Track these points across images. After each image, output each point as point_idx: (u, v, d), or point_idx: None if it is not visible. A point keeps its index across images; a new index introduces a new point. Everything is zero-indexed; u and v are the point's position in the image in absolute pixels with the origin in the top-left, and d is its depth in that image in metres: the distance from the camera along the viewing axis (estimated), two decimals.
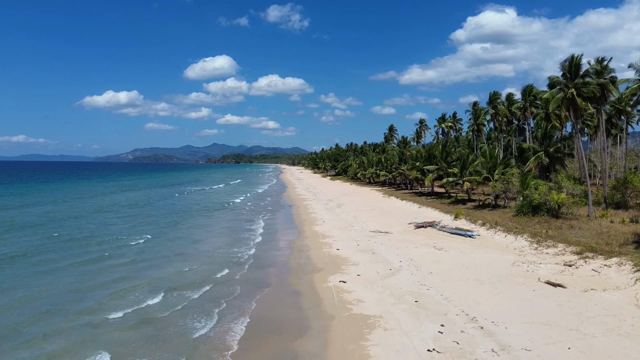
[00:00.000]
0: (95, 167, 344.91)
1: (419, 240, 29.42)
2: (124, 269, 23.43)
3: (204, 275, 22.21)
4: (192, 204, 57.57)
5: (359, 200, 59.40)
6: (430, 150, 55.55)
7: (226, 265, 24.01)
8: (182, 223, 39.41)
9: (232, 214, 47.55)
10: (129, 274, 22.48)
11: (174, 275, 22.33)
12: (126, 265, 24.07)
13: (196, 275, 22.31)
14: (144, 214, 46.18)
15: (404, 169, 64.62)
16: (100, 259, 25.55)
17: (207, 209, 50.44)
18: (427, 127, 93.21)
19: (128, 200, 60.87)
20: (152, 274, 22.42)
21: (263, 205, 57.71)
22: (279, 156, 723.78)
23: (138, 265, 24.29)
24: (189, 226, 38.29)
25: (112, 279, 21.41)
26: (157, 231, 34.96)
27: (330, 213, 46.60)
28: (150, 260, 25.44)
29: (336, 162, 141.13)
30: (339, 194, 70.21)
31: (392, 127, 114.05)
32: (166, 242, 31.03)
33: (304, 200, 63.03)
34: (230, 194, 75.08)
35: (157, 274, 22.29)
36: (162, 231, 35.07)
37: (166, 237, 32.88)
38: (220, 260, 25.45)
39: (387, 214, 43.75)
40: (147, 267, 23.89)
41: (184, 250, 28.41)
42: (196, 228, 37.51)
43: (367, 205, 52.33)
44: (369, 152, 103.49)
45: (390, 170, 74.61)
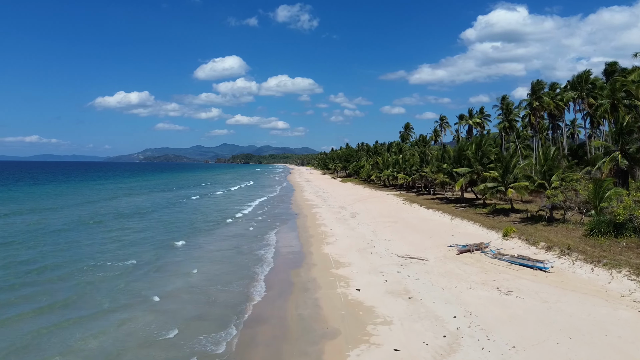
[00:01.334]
0: (104, 167, 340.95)
1: (470, 274, 21.28)
2: (82, 328, 15.78)
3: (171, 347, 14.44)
4: (195, 214, 49.18)
5: (375, 207, 51.29)
6: (462, 149, 47.26)
7: (208, 326, 16.23)
8: (179, 244, 30.93)
9: (236, 228, 39.04)
10: (87, 332, 14.89)
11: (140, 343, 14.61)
12: (86, 322, 16.33)
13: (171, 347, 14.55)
14: (138, 227, 38.20)
15: (427, 171, 56.36)
16: (59, 306, 17.92)
17: (211, 222, 41.86)
18: (447, 125, 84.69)
19: (126, 208, 52.90)
20: (118, 335, 14.90)
21: (268, 215, 49.92)
22: (288, 156, 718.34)
23: (103, 319, 16.63)
24: (186, 247, 29.97)
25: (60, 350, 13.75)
26: (146, 255, 26.99)
27: (343, 225, 38.59)
28: (123, 309, 17.68)
29: (347, 163, 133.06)
30: (352, 200, 62.16)
31: (408, 125, 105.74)
32: (152, 273, 23.05)
33: (313, 207, 55.10)
34: (237, 201, 67.04)
35: (121, 338, 14.68)
36: (153, 255, 26.94)
37: (154, 264, 24.84)
38: (205, 311, 17.69)
39: (414, 228, 35.61)
40: (114, 323, 16.17)
41: (166, 288, 20.59)
42: (194, 249, 29.35)
43: (387, 214, 44.21)
44: (383, 153, 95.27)
45: (410, 173, 66.35)
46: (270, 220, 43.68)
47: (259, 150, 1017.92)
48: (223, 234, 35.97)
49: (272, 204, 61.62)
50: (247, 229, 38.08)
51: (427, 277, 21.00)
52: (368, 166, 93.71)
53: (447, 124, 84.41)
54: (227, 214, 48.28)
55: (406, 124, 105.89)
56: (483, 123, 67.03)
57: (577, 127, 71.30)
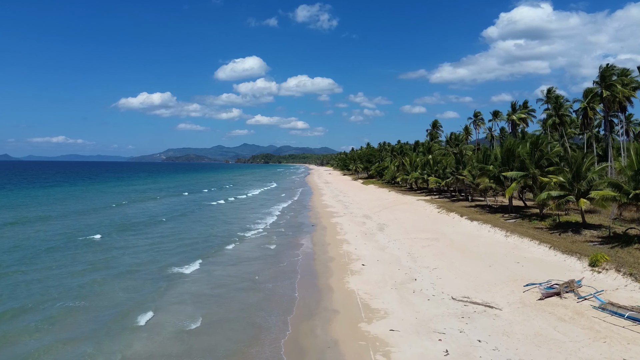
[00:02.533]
0: (125, 167, 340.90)
1: (577, 341, 13.79)
2: None
3: None
4: (213, 224, 42.11)
5: (406, 217, 43.88)
6: (510, 149, 39.43)
7: None
8: (183, 271, 24.05)
9: (253, 248, 31.84)
10: None
11: None
12: None
13: None
14: (140, 245, 31.29)
15: (466, 174, 48.60)
16: None
17: (228, 237, 34.85)
18: (482, 122, 76.38)
19: (135, 217, 46.26)
20: None
21: (289, 225, 43.18)
22: (307, 156, 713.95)
23: None
24: (190, 279, 22.80)
25: None
26: (135, 294, 20.15)
27: (371, 243, 31.39)
28: None
29: (369, 164, 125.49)
30: (377, 206, 54.83)
31: (436, 122, 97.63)
32: (128, 334, 15.72)
33: (332, 215, 48.00)
34: (258, 209, 59.94)
35: None
36: (142, 295, 19.97)
37: (140, 313, 17.58)
38: None
39: (462, 249, 28.15)
40: None
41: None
42: (200, 283, 22.18)
43: (423, 228, 36.79)
44: (409, 153, 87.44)
45: (443, 176, 58.59)
46: (292, 234, 36.75)
47: (278, 151, 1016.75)
48: (238, 255, 28.66)
49: (295, 210, 54.80)
50: (267, 248, 31.23)
51: (509, 345, 13.68)
52: (393, 167, 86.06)
53: (482, 120, 76.18)
54: (246, 225, 41.39)
55: (434, 121, 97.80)
56: (527, 119, 58.77)
57: (632, 123, 62.42)
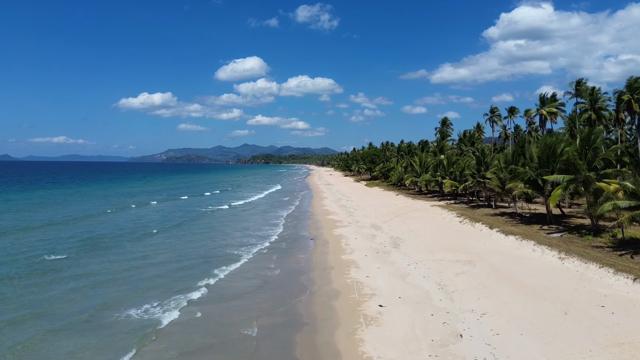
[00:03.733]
0: (124, 167, 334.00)
1: None
2: None
3: None
4: (212, 237, 35.09)
5: (424, 229, 36.95)
6: (552, 147, 32.46)
7: None
8: (164, 320, 16.70)
9: (240, 276, 25.42)
10: None
11: None
12: None
13: None
14: (118, 270, 24.36)
15: (492, 177, 41.66)
16: None
17: (226, 256, 27.96)
18: (499, 119, 69.49)
19: (123, 227, 39.09)
20: None
21: (283, 241, 36.35)
22: (308, 156, 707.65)
23: None
24: (174, 326, 16.40)
25: None
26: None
27: (386, 266, 24.49)
28: None
29: (372, 164, 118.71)
30: (386, 213, 47.92)
31: (445, 120, 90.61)
32: None
33: (335, 224, 41.11)
34: (261, 217, 53.49)
35: None
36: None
37: None
38: None
39: (511, 280, 21.18)
40: None
41: None
42: (185, 333, 15.88)
43: (448, 244, 29.82)
44: (417, 152, 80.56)
45: (461, 179, 51.66)
46: (289, 249, 29.89)
47: (279, 151, 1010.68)
48: (227, 290, 21.78)
49: (295, 217, 47.92)
50: (268, 271, 24.41)
51: None
52: (400, 168, 79.19)
53: (499, 117, 69.29)
54: (245, 239, 34.51)
55: (443, 118, 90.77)
56: (557, 114, 51.83)
57: None
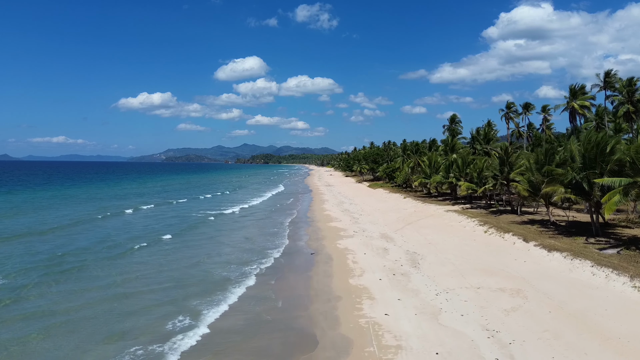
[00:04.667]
0: (122, 167, 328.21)
1: None
2: None
3: None
4: (208, 254, 28.72)
5: (444, 240, 31.39)
6: (600, 145, 26.91)
7: None
8: None
9: (252, 297, 20.03)
10: None
11: None
12: None
13: None
14: (74, 310, 18.60)
15: (520, 179, 36.11)
16: None
17: (225, 280, 22.53)
18: (516, 114, 63.97)
19: (105, 239, 32.86)
20: None
21: (282, 256, 30.80)
22: (307, 156, 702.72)
23: None
24: None
25: None
26: None
27: (408, 297, 18.93)
28: None
29: (375, 164, 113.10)
30: (396, 220, 42.40)
31: (454, 117, 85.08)
32: None
33: (339, 233, 35.57)
34: (263, 227, 47.84)
35: None
36: None
37: None
38: None
39: (587, 324, 15.61)
40: None
41: None
42: None
43: (479, 262, 24.26)
44: (426, 152, 75.06)
45: (479, 180, 46.11)
46: (292, 272, 24.33)
47: (279, 151, 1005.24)
48: (231, 321, 16.50)
49: (296, 224, 42.40)
50: (261, 303, 18.91)
51: None
52: (407, 169, 73.64)
53: (516, 112, 63.76)
54: (248, 256, 28.51)
55: (452, 115, 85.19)
56: (587, 108, 46.28)
57: None
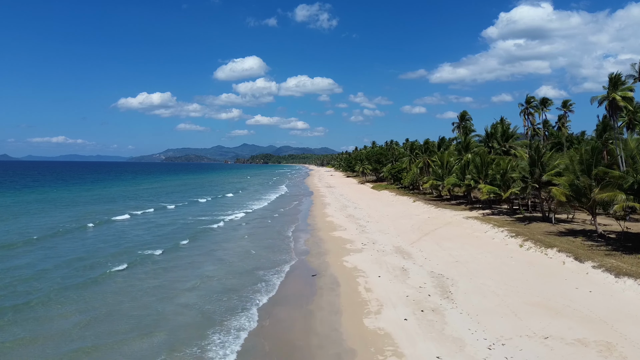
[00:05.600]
0: (119, 167, 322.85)
1: None
2: None
3: None
4: (209, 275, 23.75)
5: (476, 258, 25.77)
6: None
7: None
8: None
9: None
10: None
11: None
12: None
13: None
14: None
15: (559, 182, 30.47)
16: None
17: (229, 311, 17.39)
18: (537, 109, 58.29)
19: (59, 267, 26.32)
20: None
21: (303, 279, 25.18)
22: (307, 156, 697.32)
23: None
24: None
25: None
26: None
27: (455, 356, 13.33)
28: None
29: (379, 165, 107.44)
30: (411, 229, 36.77)
31: (465, 113, 79.43)
32: None
33: (345, 246, 29.95)
34: (267, 239, 42.15)
35: None
36: None
37: None
38: None
39: None
40: None
41: None
42: None
43: (533, 293, 18.59)
44: (435, 151, 69.44)
45: (505, 183, 40.49)
46: (289, 306, 18.74)
47: (278, 151, 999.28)
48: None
49: (298, 232, 36.84)
50: None
51: None
52: (415, 169, 68.02)
53: (537, 107, 58.10)
54: (243, 282, 23.01)
55: (462, 112, 79.57)
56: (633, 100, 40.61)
57: None
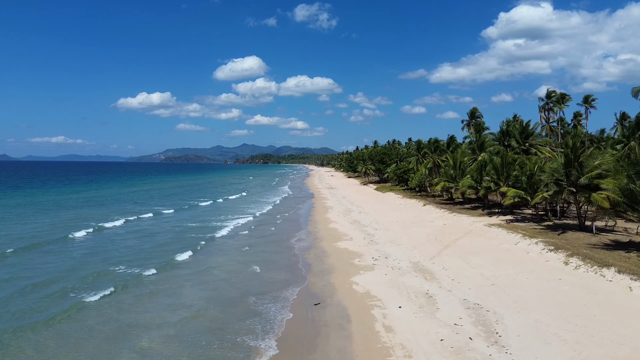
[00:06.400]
0: (117, 167, 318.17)
1: None
2: None
3: None
4: (206, 306, 19.03)
5: (516, 279, 20.79)
6: None
7: None
8: None
9: None
10: None
11: None
12: None
13: None
14: None
15: (610, 184, 25.49)
16: None
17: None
18: (559, 105, 53.39)
19: (17, 293, 21.97)
20: None
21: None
22: (307, 156, 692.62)
23: None
24: None
25: None
26: None
27: None
28: None
29: (382, 165, 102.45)
30: (428, 240, 31.81)
31: (475, 110, 74.87)
32: None
33: (353, 263, 25.03)
34: (271, 255, 37.25)
35: None
36: None
37: None
38: None
39: None
40: None
41: None
42: None
43: (620, 344, 13.61)
44: (445, 150, 64.55)
45: (531, 186, 35.53)
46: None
47: (278, 151, 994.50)
48: None
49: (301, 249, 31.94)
50: None
51: None
52: (424, 170, 63.07)
53: (559, 102, 53.17)
54: (238, 325, 18.50)
55: (472, 109, 74.96)
56: None
57: None
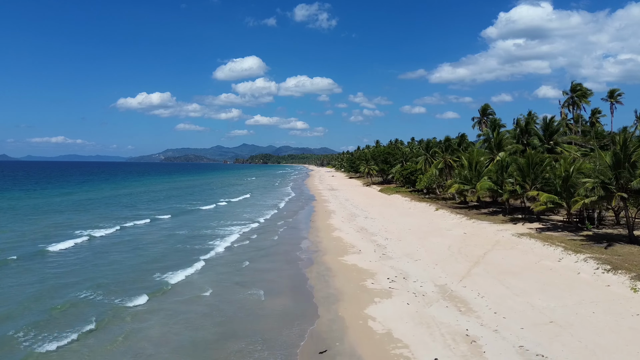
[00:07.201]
0: (115, 167, 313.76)
1: None
2: None
3: None
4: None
5: (576, 316, 15.98)
6: None
7: None
8: None
9: None
10: None
11: None
12: None
13: None
14: None
15: None
16: None
17: None
18: (585, 100, 48.71)
19: None
20: None
21: None
22: (307, 156, 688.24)
23: None
24: None
25: None
26: None
27: None
28: None
29: (386, 165, 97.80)
30: (451, 255, 27.12)
31: (487, 107, 70.33)
32: None
33: (365, 286, 20.34)
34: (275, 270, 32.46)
35: None
36: None
37: None
38: None
39: None
40: None
41: None
42: None
43: None
44: (458, 150, 59.93)
45: (567, 190, 30.82)
46: None
47: (278, 151, 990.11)
48: None
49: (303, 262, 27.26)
50: None
51: None
52: (434, 171, 58.38)
53: (584, 97, 48.51)
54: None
55: (484, 105, 70.48)
56: None
57: None
